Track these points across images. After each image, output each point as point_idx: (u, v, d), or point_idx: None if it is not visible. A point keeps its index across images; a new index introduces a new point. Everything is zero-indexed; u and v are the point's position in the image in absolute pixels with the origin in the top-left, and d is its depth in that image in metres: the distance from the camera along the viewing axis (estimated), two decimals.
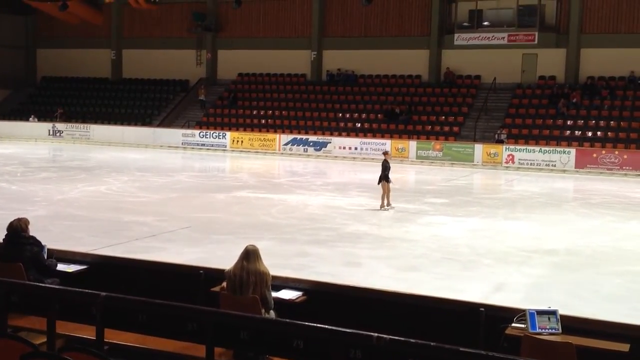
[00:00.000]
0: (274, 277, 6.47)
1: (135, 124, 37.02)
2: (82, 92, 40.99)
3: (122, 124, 37.12)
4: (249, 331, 5.06)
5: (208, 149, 33.52)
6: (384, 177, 16.41)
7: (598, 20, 31.76)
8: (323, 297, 6.67)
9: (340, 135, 32.52)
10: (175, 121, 37.26)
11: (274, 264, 7.12)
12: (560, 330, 5.76)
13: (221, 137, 33.79)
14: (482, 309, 6.02)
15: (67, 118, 38.30)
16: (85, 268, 7.34)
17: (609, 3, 31.51)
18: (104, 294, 5.38)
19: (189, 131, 34.97)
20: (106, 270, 7.38)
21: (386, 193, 16.46)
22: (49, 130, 37.00)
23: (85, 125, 37.03)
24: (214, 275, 6.78)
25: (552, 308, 5.89)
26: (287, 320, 5.31)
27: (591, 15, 31.87)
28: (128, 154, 30.72)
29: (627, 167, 26.96)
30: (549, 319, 5.79)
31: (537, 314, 5.80)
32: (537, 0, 32.09)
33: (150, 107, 38.73)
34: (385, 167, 16.47)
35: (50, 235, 11.00)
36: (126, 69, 41.73)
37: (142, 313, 5.37)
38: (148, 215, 14.97)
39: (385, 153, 17.41)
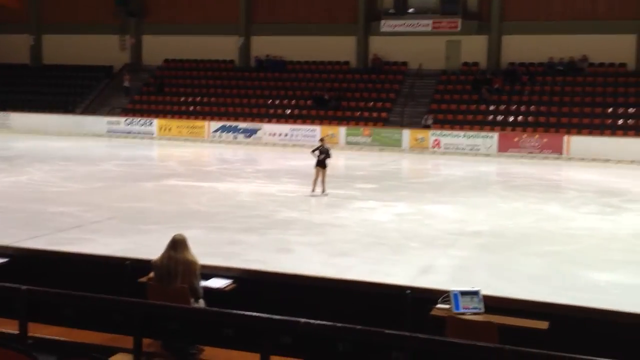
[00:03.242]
0: (204, 266, 6.45)
1: (58, 112, 35.84)
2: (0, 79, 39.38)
3: (43, 111, 35.89)
4: (178, 321, 5.03)
5: (134, 136, 32.83)
6: (320, 162, 16.55)
7: (518, 8, 32.68)
8: (253, 284, 6.69)
9: (270, 121, 32.41)
10: (100, 108, 36.27)
11: (204, 253, 7.08)
12: (483, 310, 5.96)
13: (148, 124, 33.15)
14: (409, 292, 6.18)
15: None
16: (6, 261, 7.14)
17: None
18: (25, 287, 5.25)
19: (114, 119, 34.14)
20: (29, 263, 7.19)
21: (321, 178, 16.58)
22: None
23: (5, 113, 35.62)
24: (141, 265, 6.71)
25: (475, 288, 6.09)
26: (216, 309, 5.31)
27: (512, 3, 32.76)
28: (51, 143, 29.75)
29: (547, 150, 27.98)
30: (471, 299, 5.98)
31: (460, 294, 5.98)
32: None
33: (72, 94, 37.52)
34: (321, 152, 16.63)
35: None
36: (47, 55, 40.30)
37: (67, 306, 5.27)
38: (72, 205, 14.59)
39: (321, 139, 18.04)
